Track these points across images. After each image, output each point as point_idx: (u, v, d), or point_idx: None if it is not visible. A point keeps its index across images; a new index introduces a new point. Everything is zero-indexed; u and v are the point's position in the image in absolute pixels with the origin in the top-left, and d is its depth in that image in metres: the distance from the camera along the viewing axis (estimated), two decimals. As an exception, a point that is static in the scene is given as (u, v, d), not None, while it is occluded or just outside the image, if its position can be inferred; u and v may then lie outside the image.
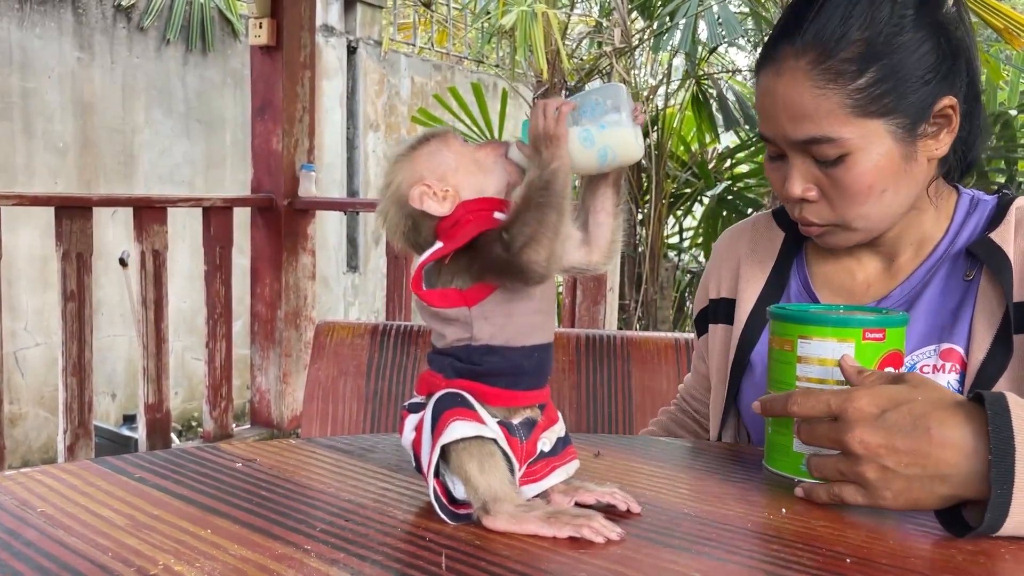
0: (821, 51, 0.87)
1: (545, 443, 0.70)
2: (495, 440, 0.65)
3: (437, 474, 0.66)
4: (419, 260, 0.69)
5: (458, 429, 0.64)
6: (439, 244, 0.69)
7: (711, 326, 1.09)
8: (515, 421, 0.69)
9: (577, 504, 0.70)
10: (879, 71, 0.86)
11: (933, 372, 0.90)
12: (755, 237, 1.08)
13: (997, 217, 0.94)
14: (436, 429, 0.65)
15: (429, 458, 0.66)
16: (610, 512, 0.69)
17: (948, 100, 0.89)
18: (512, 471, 0.66)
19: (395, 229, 0.71)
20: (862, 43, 0.86)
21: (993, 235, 0.92)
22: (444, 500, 0.67)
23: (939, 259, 0.96)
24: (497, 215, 0.68)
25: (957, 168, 0.97)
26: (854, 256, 1.00)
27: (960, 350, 0.90)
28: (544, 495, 0.70)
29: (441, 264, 0.68)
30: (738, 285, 1.06)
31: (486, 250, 0.66)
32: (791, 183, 0.91)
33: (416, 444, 0.69)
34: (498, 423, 0.67)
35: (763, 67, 0.92)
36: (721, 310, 1.08)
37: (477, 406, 0.66)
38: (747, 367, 1.03)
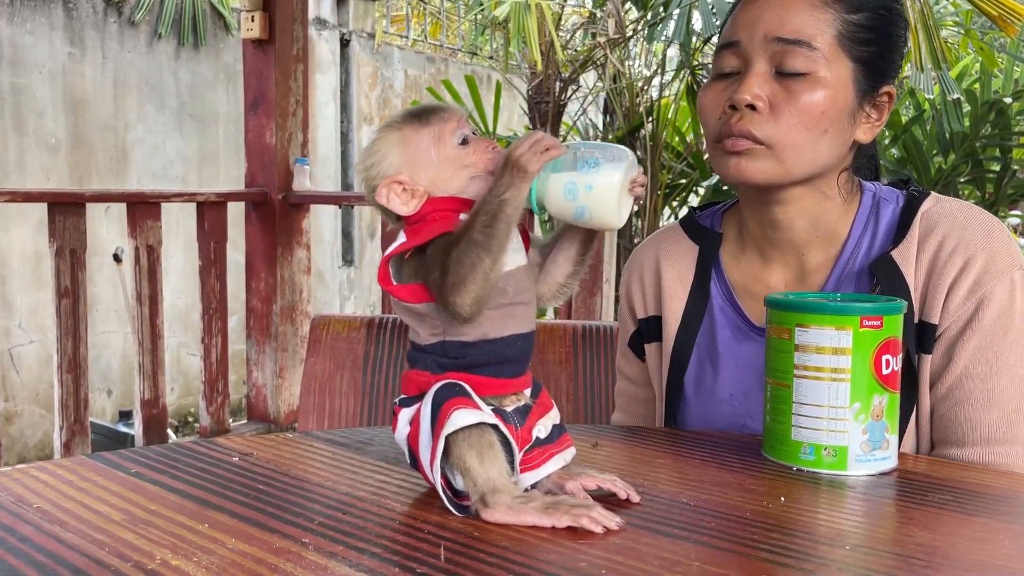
0: None
1: (541, 430, 0.70)
2: (495, 427, 0.65)
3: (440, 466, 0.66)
4: (384, 254, 0.68)
5: (460, 417, 0.64)
6: (403, 238, 0.68)
7: (647, 346, 1.08)
8: (508, 408, 0.68)
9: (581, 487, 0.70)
10: (871, 20, 0.91)
11: None
12: (669, 252, 1.07)
13: (902, 227, 0.95)
14: (437, 420, 0.65)
15: (432, 450, 0.65)
16: (609, 501, 0.69)
17: (890, 88, 0.94)
18: (512, 459, 0.66)
19: (372, 199, 0.71)
20: None
21: (895, 253, 0.93)
22: (449, 493, 0.66)
23: (846, 263, 0.97)
24: (463, 216, 0.67)
25: (867, 168, 1.02)
26: (764, 261, 1.01)
27: None
28: (542, 484, 0.70)
29: (404, 259, 0.67)
30: (661, 302, 1.05)
31: (430, 262, 0.65)
32: (746, 85, 0.90)
33: (412, 438, 0.68)
34: (492, 411, 0.67)
35: None
36: (653, 329, 1.07)
37: (474, 395, 0.66)
38: (682, 392, 1.03)
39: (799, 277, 1.00)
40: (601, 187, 0.66)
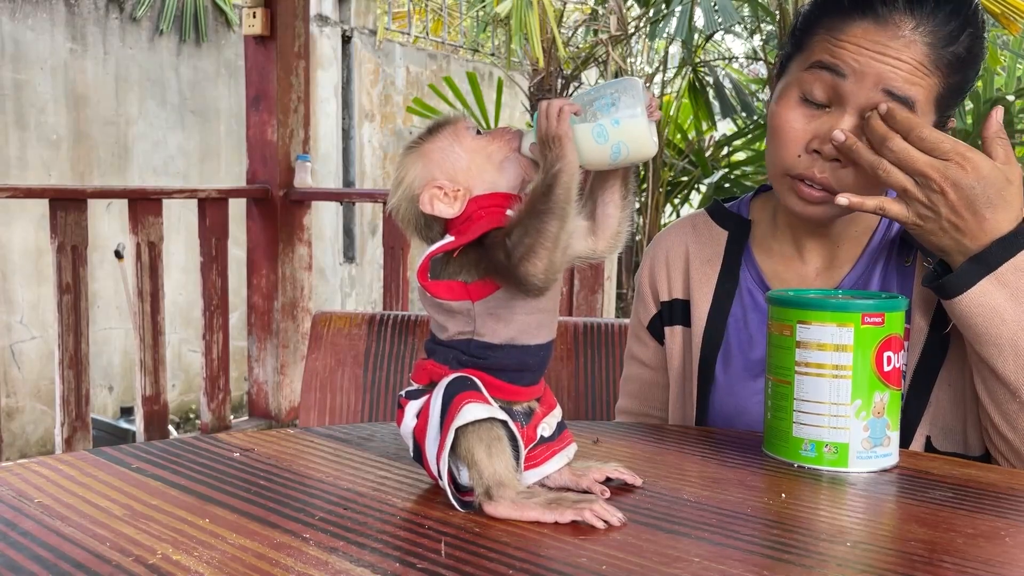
0: (934, 40, 0.88)
1: (545, 428, 0.70)
2: (504, 422, 0.65)
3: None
4: (428, 250, 0.69)
5: (472, 411, 0.64)
6: (450, 237, 0.68)
7: (668, 329, 1.08)
8: (515, 409, 0.69)
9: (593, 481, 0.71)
10: (965, 82, 0.92)
11: None
12: (698, 237, 1.08)
13: None
14: (448, 412, 0.65)
15: (441, 442, 0.65)
16: (611, 495, 0.69)
17: (953, 123, 0.95)
18: (518, 455, 0.67)
19: (408, 224, 0.71)
20: (963, 48, 0.89)
21: None
22: (453, 488, 0.66)
23: (876, 248, 1.00)
24: (509, 213, 0.68)
25: None
26: (797, 250, 1.03)
27: (909, 326, 0.95)
28: (552, 480, 0.71)
29: (449, 256, 0.68)
30: (690, 286, 1.06)
31: (491, 252, 0.66)
32: (841, 130, 0.88)
33: (419, 431, 0.68)
34: (499, 407, 0.67)
35: (871, 15, 0.89)
36: (677, 312, 1.07)
37: (484, 391, 0.66)
38: (713, 381, 1.03)
39: (829, 262, 1.02)
40: (628, 118, 0.67)
